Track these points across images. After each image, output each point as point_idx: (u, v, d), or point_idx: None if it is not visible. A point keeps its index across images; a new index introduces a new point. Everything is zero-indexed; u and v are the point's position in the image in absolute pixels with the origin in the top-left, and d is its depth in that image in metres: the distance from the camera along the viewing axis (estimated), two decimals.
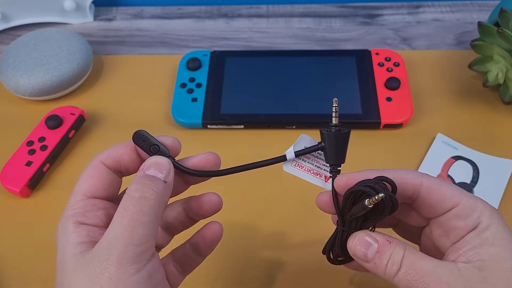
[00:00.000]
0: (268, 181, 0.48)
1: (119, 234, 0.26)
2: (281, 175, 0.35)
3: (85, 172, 0.31)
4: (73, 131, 0.53)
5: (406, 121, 0.52)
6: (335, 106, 0.31)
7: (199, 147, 0.53)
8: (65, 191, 0.50)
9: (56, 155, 0.51)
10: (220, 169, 0.32)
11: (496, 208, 0.45)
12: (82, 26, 0.66)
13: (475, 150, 0.50)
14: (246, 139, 0.53)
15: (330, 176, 0.32)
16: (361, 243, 0.29)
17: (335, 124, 0.31)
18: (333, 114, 0.31)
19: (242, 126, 0.53)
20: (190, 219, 0.34)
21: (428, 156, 0.50)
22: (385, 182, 0.29)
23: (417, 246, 0.34)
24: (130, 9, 0.69)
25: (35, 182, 0.50)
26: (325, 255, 0.34)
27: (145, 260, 0.27)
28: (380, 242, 0.29)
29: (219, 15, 0.67)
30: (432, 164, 0.49)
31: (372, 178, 0.30)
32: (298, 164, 0.33)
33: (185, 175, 0.33)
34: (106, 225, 0.28)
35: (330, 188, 0.32)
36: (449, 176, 0.48)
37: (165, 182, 0.29)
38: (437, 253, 0.31)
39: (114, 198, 0.31)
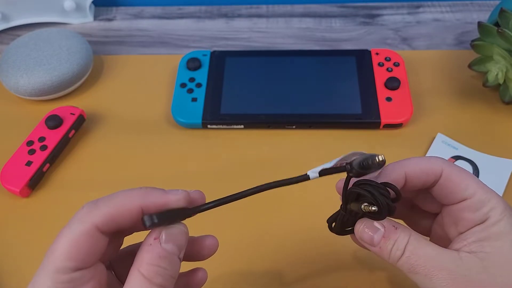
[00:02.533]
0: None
1: None
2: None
3: (72, 233, 0.25)
4: (73, 131, 0.53)
5: (406, 121, 0.52)
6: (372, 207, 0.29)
7: (199, 147, 0.53)
8: (65, 191, 0.50)
9: (56, 155, 0.52)
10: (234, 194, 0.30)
11: None
12: (82, 26, 0.66)
13: (475, 150, 0.50)
14: (246, 139, 0.53)
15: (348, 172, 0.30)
16: (368, 227, 0.30)
17: (381, 160, 0.29)
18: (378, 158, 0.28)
19: (242, 126, 0.53)
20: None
21: None
22: (390, 189, 0.29)
23: (427, 238, 0.34)
24: (130, 9, 0.69)
25: (35, 182, 0.50)
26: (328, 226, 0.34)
27: None
28: (387, 227, 0.30)
29: (219, 15, 0.67)
30: None
31: (385, 180, 0.30)
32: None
33: None
34: None
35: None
36: None
37: (180, 259, 0.26)
38: (446, 242, 0.31)
39: (105, 261, 0.27)
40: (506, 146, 0.50)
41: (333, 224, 0.34)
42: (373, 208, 0.29)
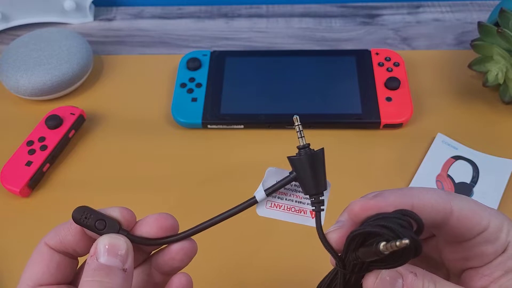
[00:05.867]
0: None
1: None
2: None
3: (32, 257, 0.26)
4: (73, 131, 0.53)
5: (406, 121, 0.52)
6: (298, 125, 0.25)
7: (199, 147, 0.53)
8: (65, 191, 0.50)
9: (56, 155, 0.52)
10: (184, 230, 0.27)
11: (496, 207, 0.45)
12: (82, 26, 0.66)
13: (475, 150, 0.50)
14: (246, 139, 0.53)
15: (313, 209, 0.26)
16: (384, 283, 0.24)
17: (303, 145, 0.25)
18: (298, 135, 0.25)
19: (242, 126, 0.53)
20: (163, 278, 0.29)
21: (428, 156, 0.50)
22: (409, 218, 0.22)
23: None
24: (130, 9, 0.69)
25: (35, 182, 0.50)
26: None
27: None
28: (405, 276, 0.24)
29: (219, 15, 0.67)
30: (432, 164, 0.49)
31: (391, 211, 0.23)
32: (274, 204, 0.27)
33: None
34: None
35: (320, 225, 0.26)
36: (449, 176, 0.48)
37: (124, 270, 0.24)
38: (437, 266, 0.29)
39: (69, 281, 0.27)
40: (506, 146, 0.50)
41: None
42: (404, 241, 0.20)
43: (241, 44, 0.63)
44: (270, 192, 0.25)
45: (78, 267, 0.28)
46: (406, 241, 0.20)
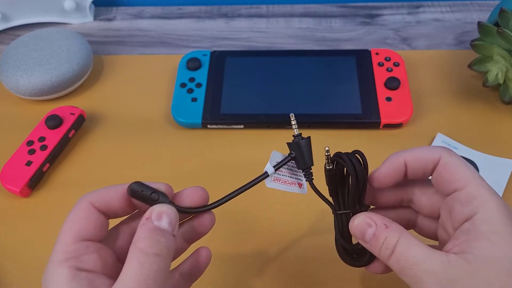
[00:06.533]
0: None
1: None
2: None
3: (73, 212, 0.29)
4: (73, 131, 0.53)
5: (406, 121, 0.52)
6: (293, 120, 0.35)
7: (199, 147, 0.53)
8: (65, 191, 0.50)
9: (56, 155, 0.52)
10: (214, 200, 0.33)
11: None
12: (82, 26, 0.66)
13: (475, 150, 0.50)
14: (246, 139, 0.53)
15: (306, 180, 0.35)
16: (361, 224, 0.31)
17: (297, 134, 0.35)
18: (293, 127, 0.35)
19: (242, 126, 0.53)
20: (183, 245, 0.34)
21: None
22: (357, 155, 0.33)
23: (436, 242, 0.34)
24: (130, 9, 0.69)
25: (35, 182, 0.50)
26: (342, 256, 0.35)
27: None
28: (378, 225, 0.30)
29: (219, 15, 0.67)
30: None
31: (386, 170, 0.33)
32: (277, 179, 0.35)
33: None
34: (102, 270, 0.28)
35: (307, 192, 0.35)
36: None
37: (173, 235, 0.29)
38: None
39: (102, 240, 0.30)
40: (506, 146, 0.50)
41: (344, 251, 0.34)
42: (327, 154, 0.33)
43: (241, 44, 0.63)
44: (277, 167, 0.34)
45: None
46: (327, 152, 0.33)
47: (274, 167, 0.34)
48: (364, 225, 0.30)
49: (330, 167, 0.34)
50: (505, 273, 0.26)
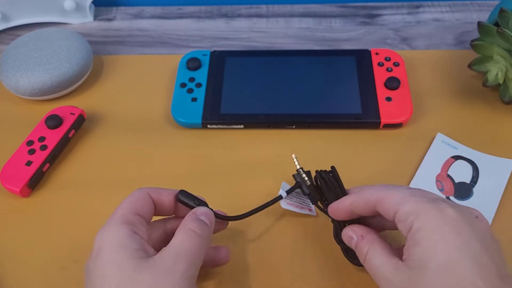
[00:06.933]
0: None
1: (184, 253, 0.33)
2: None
3: (133, 195, 0.36)
4: (73, 131, 0.53)
5: (405, 121, 0.52)
6: (295, 159, 0.44)
7: (199, 147, 0.53)
8: (65, 190, 0.50)
9: (56, 155, 0.52)
10: (212, 206, 0.40)
11: (495, 207, 0.46)
12: (82, 26, 0.66)
13: (474, 149, 0.50)
14: (246, 139, 0.53)
15: (312, 203, 0.44)
16: (346, 234, 0.38)
17: (298, 168, 0.44)
18: (295, 163, 0.44)
19: (242, 126, 0.53)
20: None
21: (428, 156, 0.50)
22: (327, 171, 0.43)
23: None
24: (130, 9, 0.69)
25: (35, 182, 0.50)
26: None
27: (195, 278, 0.34)
28: (357, 236, 0.37)
29: (219, 15, 0.67)
30: (431, 164, 0.49)
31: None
32: (289, 203, 0.44)
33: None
34: (148, 241, 0.35)
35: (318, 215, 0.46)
36: (448, 175, 0.48)
37: (211, 232, 0.37)
38: None
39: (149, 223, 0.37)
40: (506, 146, 0.50)
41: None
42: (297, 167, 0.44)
43: (241, 44, 0.63)
44: (289, 192, 0.44)
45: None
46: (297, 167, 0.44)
47: (286, 192, 0.44)
48: (348, 236, 0.38)
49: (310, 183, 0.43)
50: (438, 275, 0.29)
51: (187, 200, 0.38)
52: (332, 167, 0.42)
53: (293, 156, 0.43)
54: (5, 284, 0.44)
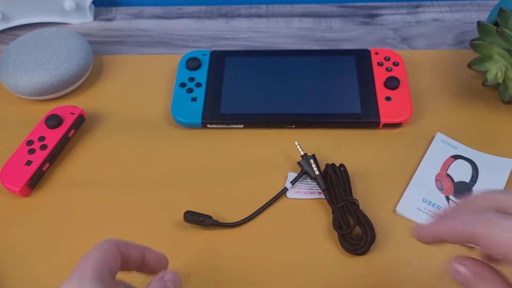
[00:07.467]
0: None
1: None
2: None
3: (104, 247, 0.33)
4: (73, 131, 0.53)
5: (405, 121, 0.52)
6: (298, 145, 0.48)
7: (199, 147, 0.53)
8: (65, 190, 0.50)
9: (56, 155, 0.52)
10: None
11: None
12: (82, 26, 0.66)
13: (474, 149, 0.50)
14: (246, 138, 0.53)
15: (319, 187, 0.47)
16: (453, 268, 0.29)
17: (303, 154, 0.47)
18: (299, 149, 0.47)
19: (241, 126, 0.53)
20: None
21: (428, 156, 0.50)
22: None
23: None
24: (130, 9, 0.69)
25: (35, 182, 0.50)
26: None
27: None
28: (469, 271, 0.29)
29: (219, 15, 0.67)
30: (431, 164, 0.49)
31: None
32: (297, 191, 0.46)
33: None
34: None
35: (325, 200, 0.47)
36: (448, 175, 0.48)
37: None
38: None
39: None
40: (505, 145, 0.50)
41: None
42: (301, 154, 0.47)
43: (241, 44, 0.63)
44: (294, 182, 0.47)
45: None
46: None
47: (291, 182, 0.46)
48: (455, 271, 0.29)
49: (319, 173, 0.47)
50: None
51: (194, 220, 0.44)
52: (342, 165, 0.47)
53: (296, 142, 0.46)
54: (5, 284, 0.44)
